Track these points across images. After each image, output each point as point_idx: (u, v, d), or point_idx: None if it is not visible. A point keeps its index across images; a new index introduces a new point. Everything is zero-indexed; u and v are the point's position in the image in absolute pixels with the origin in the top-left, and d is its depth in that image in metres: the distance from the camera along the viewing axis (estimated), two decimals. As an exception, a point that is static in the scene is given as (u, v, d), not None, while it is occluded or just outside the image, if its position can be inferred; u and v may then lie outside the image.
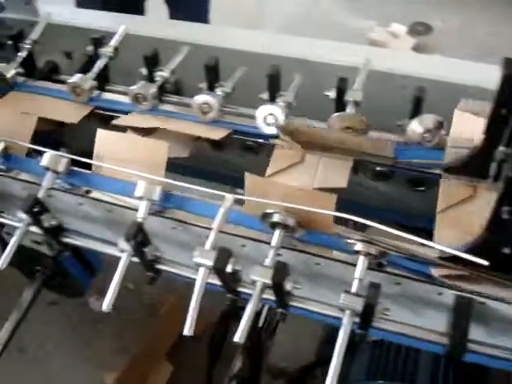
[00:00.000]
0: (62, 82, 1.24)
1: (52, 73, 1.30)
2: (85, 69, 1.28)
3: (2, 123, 1.09)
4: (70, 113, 1.13)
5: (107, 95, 1.20)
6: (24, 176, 1.08)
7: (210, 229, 0.88)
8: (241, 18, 3.30)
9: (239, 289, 0.86)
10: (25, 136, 1.07)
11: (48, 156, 0.99)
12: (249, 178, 0.89)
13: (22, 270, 1.37)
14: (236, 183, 1.03)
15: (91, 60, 1.24)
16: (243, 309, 0.78)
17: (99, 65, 1.20)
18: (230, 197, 0.87)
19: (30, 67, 1.28)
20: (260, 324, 1.40)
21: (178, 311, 1.93)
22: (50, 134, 1.24)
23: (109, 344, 1.97)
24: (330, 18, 3.45)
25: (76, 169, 1.00)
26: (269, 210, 0.85)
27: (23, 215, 0.94)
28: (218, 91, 1.10)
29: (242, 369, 1.49)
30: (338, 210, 0.83)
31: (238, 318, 0.78)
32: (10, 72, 1.22)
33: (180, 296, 1.91)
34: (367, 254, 0.82)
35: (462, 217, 0.89)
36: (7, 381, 1.84)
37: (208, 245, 0.82)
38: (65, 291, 1.46)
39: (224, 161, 1.23)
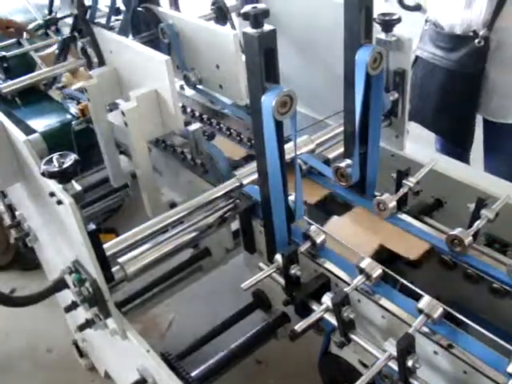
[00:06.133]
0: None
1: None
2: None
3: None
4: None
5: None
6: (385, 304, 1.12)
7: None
8: None
9: None
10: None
11: (426, 300, 1.03)
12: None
13: (324, 373, 1.43)
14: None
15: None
16: None
17: (478, 224, 1.24)
18: None
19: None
20: None
21: None
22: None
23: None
24: None
25: (447, 322, 1.03)
26: None
27: (392, 349, 0.99)
28: None
29: None
30: None
31: None
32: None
33: None
34: None
35: None
36: None
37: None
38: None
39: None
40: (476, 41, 1.94)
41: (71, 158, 1.13)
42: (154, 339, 2.22)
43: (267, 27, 0.99)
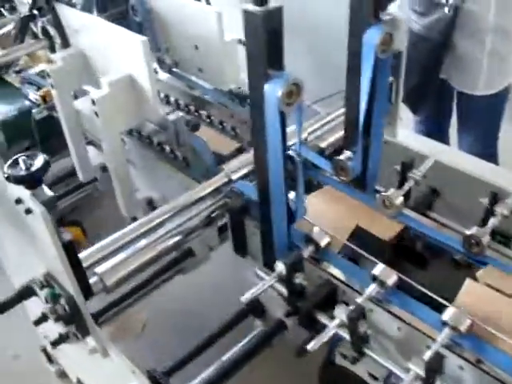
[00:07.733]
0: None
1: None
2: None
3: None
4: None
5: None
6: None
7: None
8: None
9: None
10: (342, 236, 1.14)
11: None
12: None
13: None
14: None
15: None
16: None
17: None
18: None
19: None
20: None
21: None
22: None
23: None
24: None
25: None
26: None
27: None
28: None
29: None
30: None
31: None
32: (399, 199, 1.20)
33: None
34: None
35: None
36: None
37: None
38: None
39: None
40: (446, 9, 1.96)
41: (40, 159, 0.98)
42: (127, 341, 2.08)
43: (272, 4, 0.84)
